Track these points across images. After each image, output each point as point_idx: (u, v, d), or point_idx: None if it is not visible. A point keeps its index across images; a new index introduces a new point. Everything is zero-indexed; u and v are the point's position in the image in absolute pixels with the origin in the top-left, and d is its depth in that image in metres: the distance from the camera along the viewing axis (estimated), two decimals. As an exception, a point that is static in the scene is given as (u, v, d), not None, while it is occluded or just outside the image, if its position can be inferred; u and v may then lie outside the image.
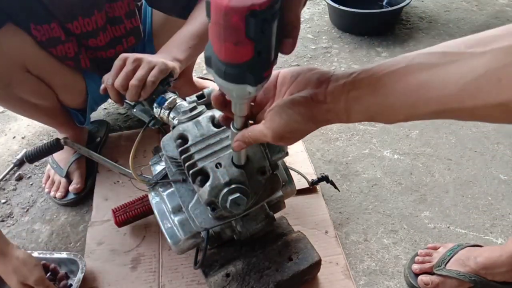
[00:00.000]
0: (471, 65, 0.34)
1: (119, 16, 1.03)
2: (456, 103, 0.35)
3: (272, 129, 0.45)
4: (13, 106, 1.08)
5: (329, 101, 0.42)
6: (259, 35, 0.35)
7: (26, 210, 1.16)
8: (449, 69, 0.35)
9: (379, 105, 0.40)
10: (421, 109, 0.38)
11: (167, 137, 0.77)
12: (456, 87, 0.34)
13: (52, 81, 1.04)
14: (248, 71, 0.38)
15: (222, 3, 0.33)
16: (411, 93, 0.37)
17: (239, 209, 0.66)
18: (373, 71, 0.40)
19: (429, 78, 0.36)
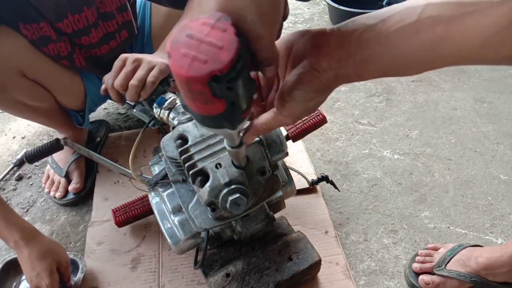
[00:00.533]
0: (491, 17, 0.31)
1: (110, 11, 1.03)
2: (476, 56, 0.33)
3: (291, 115, 0.42)
4: (10, 109, 1.08)
5: (335, 66, 0.39)
6: (228, 92, 0.34)
7: (26, 210, 1.16)
8: (467, 22, 0.32)
9: (391, 64, 0.37)
10: (438, 64, 0.36)
11: (167, 137, 0.77)
12: (476, 42, 0.32)
13: (49, 84, 1.04)
14: (224, 120, 0.37)
15: (181, 73, 0.32)
16: (426, 50, 0.35)
17: (239, 210, 0.66)
18: (379, 29, 0.36)
19: (445, 34, 0.33)
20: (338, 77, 0.40)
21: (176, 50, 0.32)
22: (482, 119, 1.35)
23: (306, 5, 2.04)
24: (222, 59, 0.31)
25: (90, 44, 1.03)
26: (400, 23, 0.35)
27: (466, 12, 0.32)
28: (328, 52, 0.39)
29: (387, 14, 0.36)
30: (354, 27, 0.38)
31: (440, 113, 1.38)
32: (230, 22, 0.33)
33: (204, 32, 0.32)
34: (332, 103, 1.45)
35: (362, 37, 0.37)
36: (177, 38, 0.33)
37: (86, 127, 1.23)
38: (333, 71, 0.39)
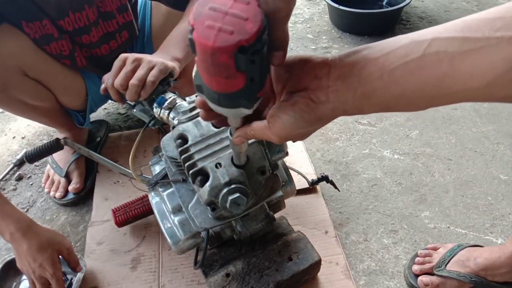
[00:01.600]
0: (502, 54, 0.29)
1: (110, 11, 1.03)
2: (484, 94, 0.32)
3: (277, 134, 0.42)
4: (12, 109, 1.08)
5: (333, 100, 0.38)
6: (250, 66, 0.34)
7: (26, 210, 1.16)
8: (474, 59, 0.31)
9: (394, 100, 0.36)
10: (444, 101, 0.34)
11: (167, 137, 0.77)
12: (484, 79, 0.31)
13: (51, 83, 1.04)
14: (242, 97, 0.37)
15: (207, 44, 0.31)
16: (431, 87, 0.33)
17: (239, 209, 0.66)
18: (381, 64, 0.35)
19: (450, 71, 0.32)
20: (335, 110, 0.39)
21: (200, 22, 0.32)
22: (482, 119, 1.35)
23: (306, 5, 2.04)
24: (249, 29, 0.31)
25: (91, 43, 1.03)
26: (404, 58, 0.34)
27: (475, 48, 0.31)
28: (328, 85, 0.38)
29: (391, 47, 0.35)
30: (356, 60, 0.36)
31: (440, 113, 1.38)
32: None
33: (227, 4, 0.32)
34: (332, 103, 1.45)
35: (363, 72, 0.36)
36: (200, 11, 0.32)
37: (86, 127, 1.23)
38: (331, 105, 0.38)
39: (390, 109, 0.38)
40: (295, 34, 1.83)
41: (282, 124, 0.41)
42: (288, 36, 0.39)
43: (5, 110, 1.11)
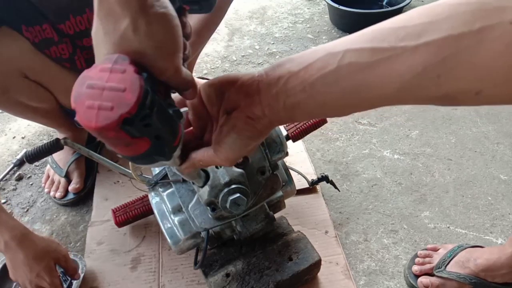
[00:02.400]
0: (407, 62, 0.32)
1: None
2: (397, 100, 0.34)
3: (226, 159, 0.43)
4: (12, 110, 1.08)
5: (268, 113, 0.39)
6: (147, 129, 0.33)
7: (26, 210, 1.16)
8: (384, 68, 0.33)
9: (319, 109, 0.38)
10: (363, 107, 0.37)
11: (167, 137, 0.77)
12: (394, 87, 0.33)
13: (51, 85, 1.04)
14: (154, 154, 0.36)
15: (91, 126, 0.31)
16: (348, 96, 0.35)
17: (239, 209, 0.66)
18: (302, 76, 0.37)
19: (364, 80, 0.34)
20: (272, 122, 0.40)
21: (81, 104, 0.31)
22: (482, 119, 1.35)
23: (306, 5, 2.04)
24: (128, 100, 0.30)
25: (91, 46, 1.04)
26: (321, 71, 0.36)
27: (383, 58, 0.33)
28: (260, 100, 0.39)
29: (310, 60, 0.37)
30: (280, 74, 0.38)
31: (440, 113, 1.38)
32: (128, 61, 0.33)
33: (104, 78, 0.32)
34: (332, 103, 1.45)
35: (287, 85, 0.37)
36: (79, 91, 0.32)
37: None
38: (267, 118, 0.40)
39: (320, 116, 0.41)
40: (295, 34, 1.83)
41: (228, 148, 0.42)
42: (190, 77, 0.39)
43: (6, 112, 1.11)
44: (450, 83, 0.31)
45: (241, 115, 0.40)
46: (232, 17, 1.96)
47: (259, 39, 1.82)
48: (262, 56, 1.71)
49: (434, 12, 0.31)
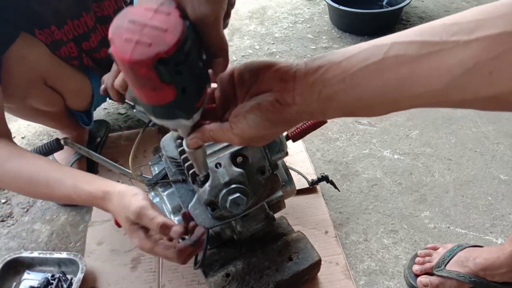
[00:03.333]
0: (457, 57, 0.30)
1: (108, 15, 1.03)
2: (443, 97, 0.33)
3: (240, 136, 0.41)
4: (24, 115, 1.09)
5: (299, 102, 0.38)
6: (177, 77, 0.33)
7: (26, 210, 1.16)
8: (432, 62, 0.31)
9: (356, 103, 0.36)
10: (403, 105, 0.35)
11: (167, 137, 0.77)
12: (442, 82, 0.31)
13: (63, 88, 1.05)
14: (176, 108, 0.36)
15: (124, 58, 0.30)
16: (391, 90, 0.34)
17: (239, 209, 0.66)
18: (344, 67, 0.35)
19: (410, 74, 0.33)
20: (301, 113, 0.39)
21: (118, 36, 0.31)
22: (482, 119, 1.35)
23: (306, 5, 2.04)
24: (168, 41, 0.31)
25: (91, 49, 1.04)
26: (365, 62, 0.34)
27: (432, 51, 0.31)
28: (294, 88, 0.38)
29: (353, 51, 0.36)
30: (320, 64, 0.37)
31: (440, 113, 1.38)
32: (174, 6, 0.33)
33: (147, 16, 0.32)
34: (332, 103, 1.45)
35: (326, 75, 0.36)
36: (119, 24, 0.32)
37: (91, 126, 1.23)
38: (297, 107, 0.38)
39: (353, 113, 0.38)
40: (295, 34, 1.83)
41: (246, 124, 0.40)
42: (225, 42, 0.39)
43: (17, 116, 1.11)
44: (503, 82, 0.30)
45: (270, 97, 0.39)
46: (232, 17, 1.96)
47: (259, 39, 1.82)
48: (262, 56, 1.71)
49: (490, 10, 0.30)
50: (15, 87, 0.91)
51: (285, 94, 0.38)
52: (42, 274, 0.95)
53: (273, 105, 0.39)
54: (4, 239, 1.08)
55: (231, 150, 0.67)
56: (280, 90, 0.39)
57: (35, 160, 0.80)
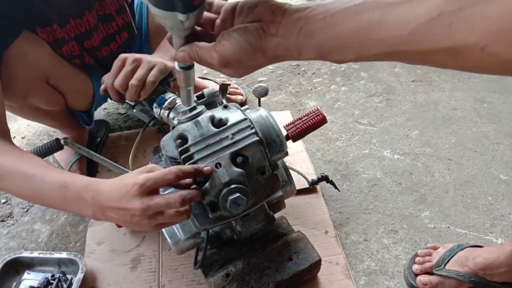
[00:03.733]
0: (426, 6, 0.33)
1: (109, 13, 1.03)
2: (407, 45, 0.35)
3: (220, 53, 0.44)
4: (25, 114, 1.09)
5: (281, 34, 0.41)
6: None
7: (26, 210, 1.16)
8: (403, 9, 0.34)
9: (329, 43, 0.39)
10: (371, 50, 0.38)
11: (167, 137, 0.77)
12: (408, 28, 0.34)
13: (65, 88, 1.05)
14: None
15: None
16: (361, 32, 0.37)
17: (238, 209, 0.66)
18: (328, 7, 0.39)
19: (381, 17, 0.35)
20: (279, 46, 0.42)
21: None
22: (482, 119, 1.35)
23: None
24: None
25: (93, 48, 1.04)
26: (347, 4, 0.38)
27: None
28: (280, 21, 0.42)
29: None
30: (310, 5, 0.41)
31: (440, 113, 1.38)
32: None
33: None
34: (332, 103, 1.45)
35: (311, 13, 0.40)
36: None
37: (91, 126, 1.23)
38: (277, 38, 0.42)
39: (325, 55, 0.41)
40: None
41: (229, 42, 0.44)
42: None
43: (18, 115, 1.11)
44: (460, 33, 0.32)
45: (257, 25, 0.43)
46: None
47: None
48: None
49: None
50: (17, 85, 0.91)
51: (271, 24, 0.42)
52: (42, 274, 0.95)
53: (257, 30, 0.42)
54: (4, 239, 1.08)
55: (231, 150, 0.67)
56: (268, 22, 0.42)
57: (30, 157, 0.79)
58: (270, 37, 0.42)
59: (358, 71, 1.59)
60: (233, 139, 0.68)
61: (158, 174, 0.61)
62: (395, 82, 1.53)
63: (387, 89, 1.50)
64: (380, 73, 1.57)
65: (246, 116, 0.72)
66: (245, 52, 0.43)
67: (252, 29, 0.42)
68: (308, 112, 0.99)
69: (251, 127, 0.70)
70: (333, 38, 0.39)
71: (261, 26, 0.42)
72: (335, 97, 1.48)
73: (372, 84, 1.53)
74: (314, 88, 1.53)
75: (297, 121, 0.97)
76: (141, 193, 0.60)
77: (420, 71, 1.58)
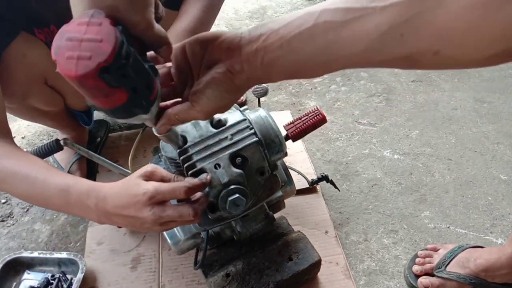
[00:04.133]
0: (375, 21, 0.34)
1: None
2: (364, 58, 0.36)
3: (203, 111, 0.45)
4: (24, 115, 1.09)
5: (247, 69, 0.42)
6: (123, 80, 0.35)
7: (26, 210, 1.16)
8: (354, 27, 0.35)
9: (294, 66, 0.40)
10: (334, 66, 0.39)
11: (166, 137, 0.77)
12: (362, 45, 0.35)
13: (64, 88, 1.05)
14: (132, 107, 0.39)
15: (71, 75, 0.33)
16: (321, 53, 0.37)
17: (238, 210, 0.66)
18: (281, 34, 0.39)
19: (335, 38, 0.36)
20: (250, 78, 0.43)
21: (61, 56, 0.34)
22: (482, 119, 1.35)
23: (306, 5, 2.04)
24: (105, 50, 0.33)
25: None
26: (299, 28, 0.38)
27: (354, 17, 0.35)
28: (240, 55, 0.41)
29: (290, 19, 0.39)
30: (262, 31, 0.40)
31: (440, 113, 1.38)
32: (104, 15, 0.35)
33: (81, 31, 0.34)
34: (332, 103, 1.45)
35: (267, 41, 0.40)
36: (59, 44, 0.34)
37: (91, 126, 1.23)
38: (245, 74, 0.42)
39: (294, 76, 0.42)
40: (295, 34, 1.83)
41: (205, 99, 0.44)
42: (163, 34, 0.42)
43: (17, 116, 1.11)
44: (412, 43, 0.33)
45: (221, 68, 0.42)
46: (232, 17, 1.96)
47: (259, 39, 1.81)
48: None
49: None
50: (16, 85, 0.91)
51: (233, 62, 0.42)
52: (42, 274, 0.95)
53: (225, 75, 0.42)
54: (4, 239, 1.09)
55: (230, 151, 0.67)
56: (228, 59, 0.42)
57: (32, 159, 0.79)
58: (239, 74, 0.42)
59: (358, 71, 1.59)
60: (232, 140, 0.68)
61: (167, 189, 0.60)
62: (395, 82, 1.53)
63: (387, 89, 1.50)
64: (380, 73, 1.57)
65: (245, 116, 0.72)
66: (226, 99, 0.44)
67: (220, 76, 0.42)
68: (308, 112, 0.99)
69: (250, 128, 0.70)
70: (295, 63, 0.39)
71: (226, 69, 0.42)
72: (335, 97, 1.48)
73: (372, 84, 1.53)
74: (314, 88, 1.52)
75: (296, 121, 0.98)
76: (151, 204, 0.60)
77: (420, 71, 1.58)
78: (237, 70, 0.42)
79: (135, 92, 0.37)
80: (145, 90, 0.39)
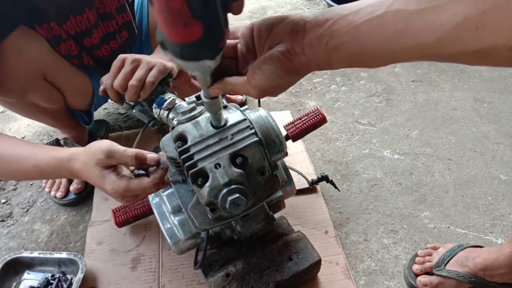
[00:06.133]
0: (450, 12, 0.33)
1: (109, 11, 1.03)
2: (435, 50, 0.35)
3: (257, 86, 0.46)
4: (24, 112, 1.08)
5: (308, 52, 0.42)
6: (205, 12, 0.36)
7: (26, 210, 1.16)
8: (428, 17, 0.34)
9: (359, 53, 0.39)
10: (400, 57, 0.38)
11: (166, 137, 0.77)
12: (434, 35, 0.34)
13: (63, 85, 1.05)
14: (203, 47, 0.39)
15: None
16: (389, 42, 0.37)
17: (238, 210, 0.66)
18: (350, 19, 0.39)
19: (407, 27, 0.35)
20: (309, 63, 0.43)
21: None
22: (482, 119, 1.35)
23: (306, 5, 2.04)
24: None
25: (93, 46, 1.04)
26: (369, 15, 0.38)
27: (429, 6, 0.34)
28: (303, 38, 0.41)
29: (360, 6, 0.39)
30: (329, 16, 0.40)
31: (440, 113, 1.38)
32: None
33: None
34: (332, 103, 1.45)
35: (334, 26, 0.40)
36: None
37: (91, 126, 1.23)
38: (305, 57, 0.42)
39: (355, 64, 0.41)
40: (295, 34, 1.83)
41: (262, 74, 0.44)
42: None
43: (17, 113, 1.11)
44: (487, 37, 0.32)
45: (281, 48, 0.43)
46: (232, 17, 1.96)
47: (259, 39, 1.81)
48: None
49: None
50: (13, 80, 0.91)
51: (295, 44, 0.42)
52: (42, 274, 0.95)
53: (284, 55, 0.42)
54: (4, 239, 1.09)
55: (231, 150, 0.67)
56: (291, 41, 0.42)
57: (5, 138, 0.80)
58: (298, 57, 0.42)
59: (358, 71, 1.59)
60: (232, 140, 0.68)
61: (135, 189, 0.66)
62: (395, 82, 1.53)
63: (387, 89, 1.50)
64: (380, 73, 1.57)
65: (245, 116, 0.72)
66: (282, 78, 0.44)
67: (279, 55, 0.43)
68: (308, 112, 0.99)
69: (251, 128, 0.70)
70: (361, 50, 0.39)
71: (286, 49, 0.42)
72: (335, 97, 1.48)
73: (372, 84, 1.53)
74: (314, 88, 1.52)
75: (297, 121, 0.98)
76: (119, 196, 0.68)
77: (420, 71, 1.58)
78: (298, 52, 0.42)
79: (210, 31, 0.37)
80: (218, 33, 0.39)
